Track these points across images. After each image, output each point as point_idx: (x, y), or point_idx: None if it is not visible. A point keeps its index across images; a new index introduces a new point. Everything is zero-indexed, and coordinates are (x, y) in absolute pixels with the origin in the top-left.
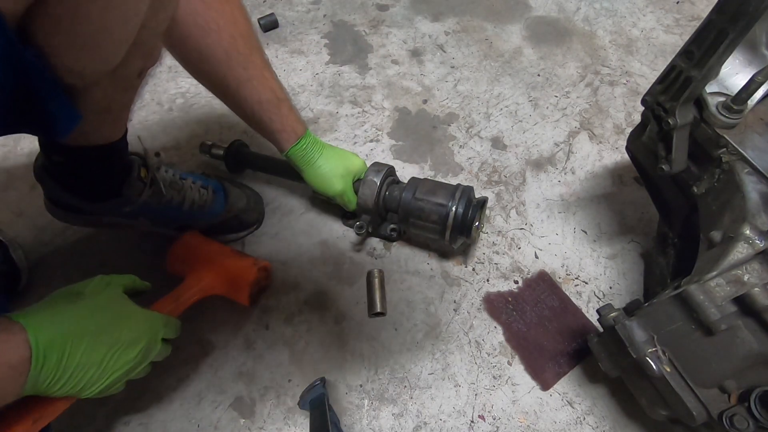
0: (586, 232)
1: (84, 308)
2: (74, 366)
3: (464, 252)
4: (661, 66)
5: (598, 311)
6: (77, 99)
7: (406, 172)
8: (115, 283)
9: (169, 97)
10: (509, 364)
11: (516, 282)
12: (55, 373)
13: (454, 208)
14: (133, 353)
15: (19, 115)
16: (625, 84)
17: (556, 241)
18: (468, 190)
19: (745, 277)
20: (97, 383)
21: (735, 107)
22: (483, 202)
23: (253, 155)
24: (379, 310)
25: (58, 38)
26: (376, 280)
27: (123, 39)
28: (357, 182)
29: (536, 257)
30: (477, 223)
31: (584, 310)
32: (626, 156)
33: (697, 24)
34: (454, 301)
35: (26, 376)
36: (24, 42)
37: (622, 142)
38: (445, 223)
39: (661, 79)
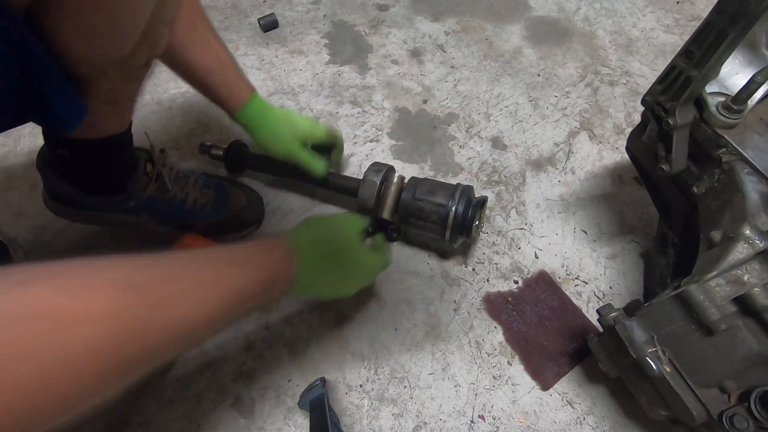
0: (586, 232)
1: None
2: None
3: (464, 251)
4: (661, 66)
5: (598, 311)
6: (84, 90)
7: (406, 172)
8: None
9: (169, 97)
10: (509, 364)
11: (516, 282)
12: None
13: (453, 208)
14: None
15: (26, 105)
16: (625, 84)
17: (556, 241)
18: (468, 190)
19: (745, 277)
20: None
21: (735, 107)
22: (483, 201)
23: (252, 155)
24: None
25: (67, 26)
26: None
27: (133, 27)
28: (320, 148)
29: (536, 257)
30: (477, 223)
31: (584, 310)
32: (626, 156)
33: (697, 24)
34: (454, 301)
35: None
36: (32, 28)
37: (622, 142)
38: (445, 223)
39: (661, 79)
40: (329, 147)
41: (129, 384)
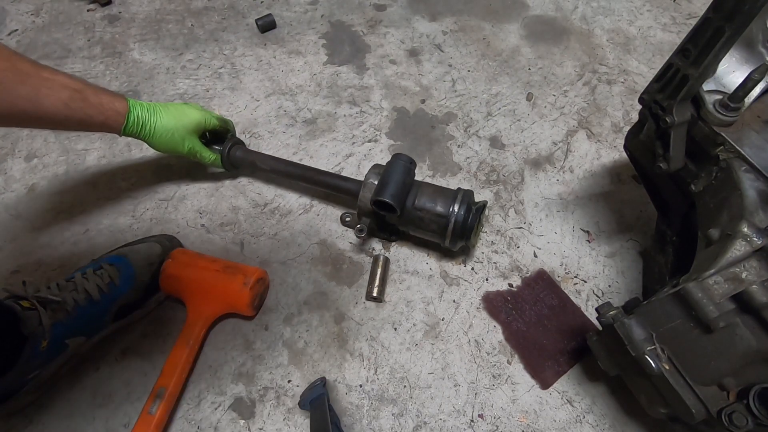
0: (586, 231)
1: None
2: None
3: (463, 251)
4: (659, 64)
5: (597, 309)
6: None
7: None
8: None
9: (166, 99)
10: (509, 363)
11: (515, 281)
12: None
13: (454, 216)
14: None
15: None
16: (622, 82)
17: (554, 239)
18: (468, 195)
19: (743, 275)
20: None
21: (732, 105)
22: (483, 206)
23: (249, 153)
24: (375, 295)
25: None
26: (379, 269)
27: None
28: (215, 143)
29: (535, 256)
30: (476, 228)
31: (583, 309)
32: (624, 154)
33: (693, 22)
34: (454, 301)
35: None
36: None
37: (620, 141)
38: (444, 232)
39: (658, 78)
40: (222, 132)
41: None
